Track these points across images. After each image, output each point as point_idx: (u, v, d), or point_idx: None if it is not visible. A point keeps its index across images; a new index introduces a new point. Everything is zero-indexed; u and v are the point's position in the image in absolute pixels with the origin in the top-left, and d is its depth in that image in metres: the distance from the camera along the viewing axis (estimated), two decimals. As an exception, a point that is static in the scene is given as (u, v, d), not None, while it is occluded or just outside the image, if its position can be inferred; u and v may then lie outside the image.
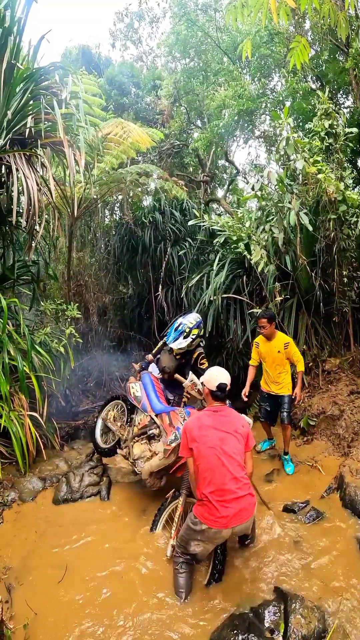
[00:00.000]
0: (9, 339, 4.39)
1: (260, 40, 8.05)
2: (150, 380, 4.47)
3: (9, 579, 3.09)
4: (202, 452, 2.83)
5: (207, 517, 2.73)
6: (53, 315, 5.81)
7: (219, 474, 2.77)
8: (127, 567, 3.20)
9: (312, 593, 2.77)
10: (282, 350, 4.58)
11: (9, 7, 3.93)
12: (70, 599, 2.90)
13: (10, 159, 3.98)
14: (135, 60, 13.45)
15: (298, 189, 5.04)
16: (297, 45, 2.88)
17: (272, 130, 10.21)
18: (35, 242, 4.74)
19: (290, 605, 2.60)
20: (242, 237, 5.95)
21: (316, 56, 7.72)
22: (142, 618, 2.71)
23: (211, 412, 3.04)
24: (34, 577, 3.10)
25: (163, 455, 3.63)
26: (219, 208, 11.86)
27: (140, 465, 3.84)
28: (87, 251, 9.35)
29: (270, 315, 4.59)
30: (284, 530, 3.49)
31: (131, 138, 6.92)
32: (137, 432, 4.10)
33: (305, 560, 3.14)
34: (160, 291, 8.42)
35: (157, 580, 3.05)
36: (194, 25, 9.32)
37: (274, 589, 2.84)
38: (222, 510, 2.70)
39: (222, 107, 8.81)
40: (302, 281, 5.61)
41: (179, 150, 12.03)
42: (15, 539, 3.54)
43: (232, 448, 2.88)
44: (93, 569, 3.18)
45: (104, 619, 2.71)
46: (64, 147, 4.07)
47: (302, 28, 8.04)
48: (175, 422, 3.76)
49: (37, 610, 2.76)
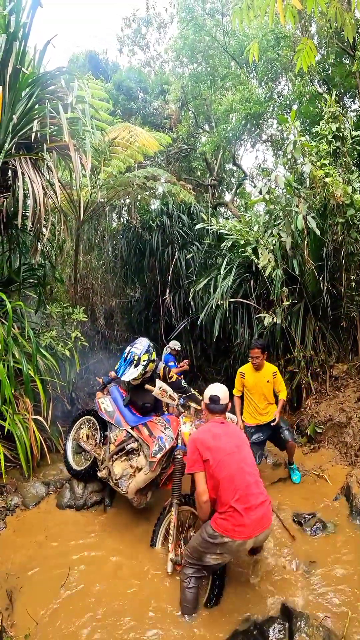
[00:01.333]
0: (14, 342, 4.38)
1: (267, 44, 8.03)
2: (119, 393, 4.32)
3: (10, 585, 3.05)
4: (222, 460, 2.73)
5: (232, 530, 2.60)
6: (59, 318, 5.81)
7: (242, 479, 2.70)
8: (129, 579, 3.15)
9: (318, 610, 2.70)
10: (271, 379, 4.45)
11: (13, 12, 3.94)
12: (72, 609, 2.86)
13: (16, 162, 3.99)
14: (142, 66, 13.52)
15: (305, 193, 4.99)
16: (304, 47, 2.84)
17: (279, 134, 10.18)
18: (41, 245, 4.75)
19: (295, 623, 2.53)
20: (249, 241, 5.91)
21: (322, 60, 7.67)
22: (145, 633, 2.65)
23: (218, 423, 3.01)
24: (36, 585, 3.07)
25: (149, 469, 3.47)
26: (226, 212, 11.86)
27: (124, 484, 3.63)
28: (94, 254, 9.38)
29: (264, 345, 4.49)
30: (289, 542, 3.43)
31: (138, 142, 6.93)
32: (115, 450, 3.86)
33: (310, 574, 3.07)
34: (168, 295, 8.40)
35: (160, 595, 2.99)
36: (201, 30, 9.33)
37: (280, 605, 2.77)
38: (247, 517, 2.60)
39: (230, 111, 8.80)
40: (309, 285, 5.55)
41: (187, 154, 12.05)
42: (18, 545, 3.51)
43: (248, 456, 2.88)
44: (95, 579, 3.14)
45: (106, 632, 2.67)
46: (70, 151, 4.08)
47: (309, 32, 7.99)
48: (156, 432, 3.62)
49: (39, 619, 2.73)
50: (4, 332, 4.15)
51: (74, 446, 4.56)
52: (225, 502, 2.65)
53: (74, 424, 4.68)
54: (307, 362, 5.47)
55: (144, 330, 9.36)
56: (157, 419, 3.79)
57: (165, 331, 8.51)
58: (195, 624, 2.72)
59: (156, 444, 3.50)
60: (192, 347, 8.32)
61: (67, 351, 5.32)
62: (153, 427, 3.68)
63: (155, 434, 3.60)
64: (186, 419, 3.78)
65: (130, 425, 3.88)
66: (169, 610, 2.84)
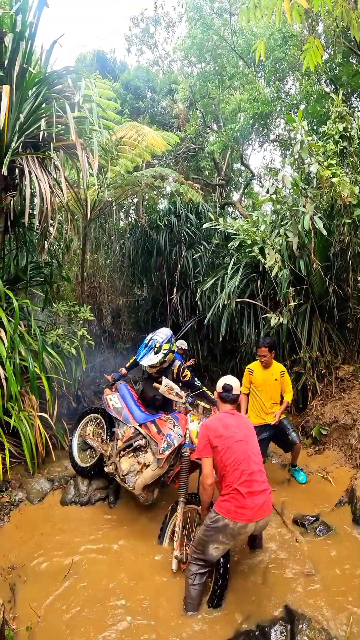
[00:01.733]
0: (21, 340, 4.41)
1: (275, 43, 7.99)
2: (127, 390, 4.35)
3: (13, 578, 3.09)
4: (231, 445, 2.85)
5: (233, 511, 2.68)
6: (65, 316, 5.83)
7: (248, 465, 2.80)
8: (134, 574, 3.17)
9: (320, 614, 2.68)
10: (279, 378, 4.45)
11: (20, 12, 3.96)
12: (74, 602, 2.88)
13: (23, 161, 4.01)
14: (151, 65, 13.51)
15: (312, 193, 4.97)
16: (310, 46, 2.83)
17: (287, 134, 10.14)
18: (48, 244, 4.78)
19: (297, 626, 2.53)
20: (256, 241, 5.89)
21: (329, 59, 7.61)
22: (147, 629, 2.66)
23: (229, 414, 3.10)
24: (38, 579, 3.10)
25: (157, 465, 3.50)
26: (234, 212, 11.83)
27: (131, 480, 3.65)
28: (101, 253, 9.41)
29: (271, 344, 4.49)
30: (293, 545, 3.42)
31: (146, 141, 6.94)
32: (122, 446, 3.89)
33: (314, 577, 3.06)
34: (175, 294, 8.39)
35: (164, 591, 3.00)
36: (209, 29, 9.31)
37: (283, 607, 2.77)
38: (249, 500, 2.69)
39: (238, 110, 8.77)
40: (316, 286, 5.53)
41: (195, 153, 12.03)
42: (21, 539, 3.55)
43: (255, 447, 2.98)
44: (98, 573, 3.16)
45: (107, 625, 2.68)
46: (77, 150, 4.08)
47: (316, 31, 7.94)
48: (164, 429, 3.64)
49: (41, 612, 2.75)
50: (10, 329, 4.18)
51: (79, 443, 4.58)
52: (230, 485, 2.74)
53: (80, 421, 4.69)
54: (313, 363, 5.45)
55: (150, 330, 9.35)
56: (165, 416, 3.79)
57: (172, 330, 8.52)
58: (198, 622, 2.72)
59: (164, 441, 3.51)
60: (198, 347, 8.32)
61: (74, 349, 5.34)
62: (162, 425, 3.70)
63: (163, 431, 3.61)
64: (194, 417, 3.78)
65: (139, 422, 3.90)
66: (173, 607, 2.85)
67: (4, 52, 4.00)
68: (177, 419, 3.73)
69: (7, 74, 4.00)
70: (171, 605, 2.86)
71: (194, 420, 3.72)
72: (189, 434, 3.59)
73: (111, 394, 4.36)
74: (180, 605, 2.84)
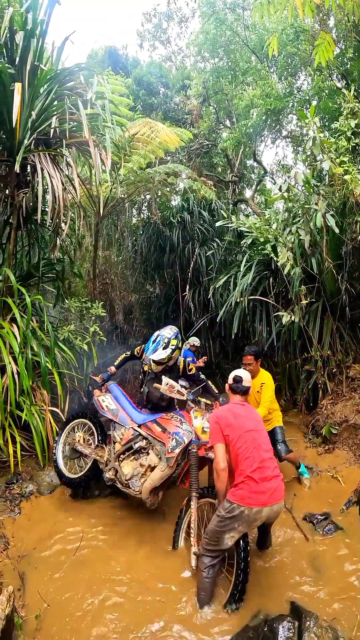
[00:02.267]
0: (33, 335, 4.47)
1: (287, 38, 7.89)
2: (120, 390, 4.24)
3: (23, 567, 3.15)
4: (242, 435, 2.91)
5: (248, 497, 2.74)
6: (77, 313, 5.88)
7: (259, 454, 2.86)
8: (143, 565, 3.21)
9: (327, 612, 2.69)
10: (260, 390, 4.34)
11: (30, 10, 3.99)
12: (83, 591, 2.93)
13: (35, 158, 4.05)
14: (164, 60, 13.49)
15: (324, 190, 4.91)
16: (322, 42, 2.80)
17: (299, 130, 10.03)
18: (60, 241, 4.82)
19: (304, 622, 2.53)
20: (269, 239, 5.86)
21: (341, 54, 7.46)
22: (157, 622, 2.70)
23: (239, 405, 3.16)
24: (47, 568, 3.16)
25: (166, 465, 3.41)
26: (246, 209, 11.76)
27: (136, 484, 3.55)
28: (113, 250, 9.44)
29: (257, 352, 4.43)
30: (301, 543, 3.42)
31: (159, 138, 6.94)
32: (121, 449, 3.76)
33: (322, 575, 3.06)
34: (188, 291, 8.41)
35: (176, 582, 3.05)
36: (222, 25, 9.23)
37: (290, 604, 2.78)
38: (262, 485, 2.76)
39: (251, 106, 8.70)
40: (327, 284, 5.48)
41: (208, 150, 11.98)
42: (31, 530, 3.62)
43: (264, 436, 3.04)
44: (108, 563, 3.22)
45: (117, 616, 2.73)
46: (90, 146, 4.10)
47: (327, 25, 7.80)
48: (170, 428, 3.56)
49: (50, 601, 2.80)
50: (23, 325, 4.24)
51: (66, 451, 4.31)
52: (242, 473, 2.80)
53: (65, 427, 4.43)
54: (324, 362, 5.41)
55: (163, 327, 9.38)
56: (169, 414, 3.74)
57: (184, 328, 8.54)
58: (208, 615, 2.76)
59: (172, 439, 3.44)
60: (210, 344, 8.33)
61: (85, 345, 5.39)
62: (166, 423, 3.63)
63: (169, 430, 3.55)
64: (197, 413, 3.75)
65: (138, 423, 3.82)
66: (183, 599, 2.89)
67: (15, 49, 4.03)
68: (182, 416, 3.69)
69: (18, 72, 4.04)
70: (183, 596, 2.91)
71: (198, 417, 3.69)
72: (194, 430, 3.57)
73: (102, 395, 4.21)
74: (190, 596, 2.87)
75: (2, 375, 4.07)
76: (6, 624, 2.10)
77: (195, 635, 2.61)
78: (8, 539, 3.43)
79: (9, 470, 4.04)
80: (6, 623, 2.10)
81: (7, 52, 4.07)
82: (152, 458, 3.58)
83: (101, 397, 4.15)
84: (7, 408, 4.06)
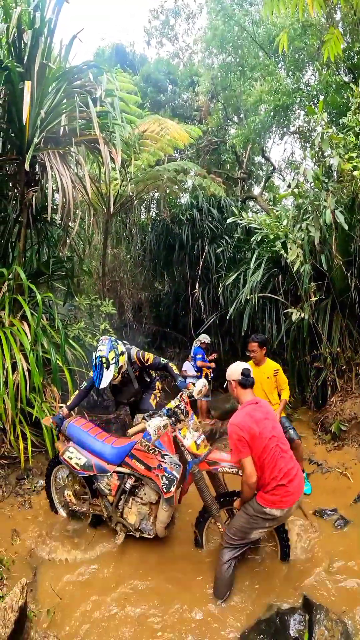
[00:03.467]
0: (43, 333, 4.51)
1: (295, 33, 7.84)
2: (79, 429, 3.61)
3: (34, 561, 3.19)
4: (266, 445, 2.84)
5: (280, 502, 2.76)
6: (87, 310, 5.92)
7: (282, 459, 2.86)
8: (155, 557, 3.25)
9: (337, 605, 2.69)
10: (271, 377, 4.37)
11: (38, 9, 4.00)
12: (95, 585, 2.97)
13: (44, 156, 4.07)
14: (171, 57, 13.47)
15: (333, 187, 4.88)
16: (331, 37, 2.78)
17: (307, 126, 9.97)
18: (70, 239, 4.84)
19: (315, 615, 2.55)
20: (279, 236, 5.84)
21: (348, 48, 7.41)
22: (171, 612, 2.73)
23: (254, 405, 3.03)
24: (57, 563, 3.21)
25: (168, 506, 3.12)
26: (255, 206, 11.73)
27: (148, 527, 3.27)
28: (122, 248, 9.48)
29: (262, 340, 4.44)
30: (312, 536, 3.43)
31: (168, 135, 6.93)
32: (116, 500, 3.35)
33: (332, 568, 3.07)
34: (197, 289, 8.40)
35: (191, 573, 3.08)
36: (230, 20, 9.19)
37: (302, 597, 2.79)
38: (290, 487, 2.79)
39: (259, 102, 8.67)
40: (337, 281, 5.44)
41: (217, 147, 11.96)
42: (42, 524, 3.66)
43: (281, 434, 3.02)
44: (117, 555, 3.26)
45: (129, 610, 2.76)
46: (99, 144, 4.10)
47: (333, 19, 7.76)
48: (152, 463, 3.15)
49: (62, 595, 2.84)
50: (33, 322, 4.27)
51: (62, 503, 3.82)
52: (271, 481, 2.79)
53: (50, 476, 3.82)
54: (334, 359, 5.38)
55: (172, 324, 9.42)
56: (141, 443, 3.20)
57: (194, 325, 8.55)
58: (222, 608, 2.80)
59: (163, 478, 3.08)
60: (220, 342, 8.32)
61: (95, 342, 5.42)
62: (145, 458, 3.18)
63: (152, 465, 3.15)
64: (184, 430, 3.24)
65: (116, 463, 3.36)
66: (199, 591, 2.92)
67: (24, 48, 4.05)
68: (159, 444, 3.17)
69: (27, 71, 4.05)
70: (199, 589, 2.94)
71: (186, 434, 3.22)
72: (188, 450, 3.17)
73: (66, 449, 3.52)
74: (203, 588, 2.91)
75: (13, 372, 4.10)
76: (19, 615, 2.13)
77: (210, 626, 2.65)
78: (19, 533, 3.48)
79: (20, 466, 4.10)
80: (19, 615, 2.13)
81: (16, 51, 4.10)
82: (150, 493, 3.28)
83: (67, 455, 3.49)
84: (18, 405, 4.11)
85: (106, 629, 2.63)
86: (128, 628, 2.64)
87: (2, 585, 2.77)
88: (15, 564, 3.10)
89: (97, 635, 2.58)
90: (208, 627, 2.65)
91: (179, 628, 2.64)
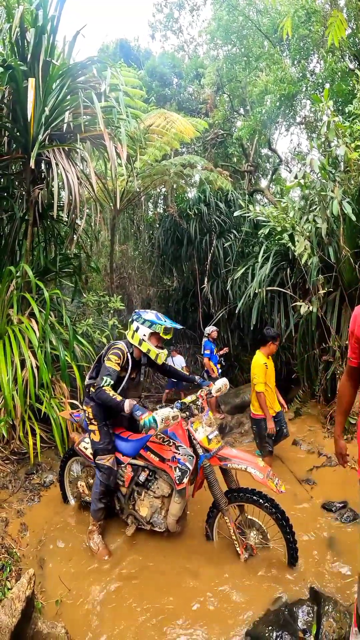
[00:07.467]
0: (52, 329, 4.55)
1: (299, 20, 7.74)
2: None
3: (42, 554, 3.23)
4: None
5: None
6: (95, 307, 5.95)
7: None
8: (165, 550, 3.24)
9: (346, 597, 2.69)
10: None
11: (41, 7, 4.01)
12: (103, 576, 2.99)
13: (49, 154, 4.08)
14: (176, 50, 13.40)
15: (340, 177, 4.81)
16: (334, 20, 2.74)
17: (313, 115, 9.85)
18: (77, 236, 4.86)
19: (323, 607, 2.54)
20: (286, 228, 5.78)
21: (352, 34, 7.29)
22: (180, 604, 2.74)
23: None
24: (65, 555, 3.24)
25: (180, 497, 3.10)
26: (262, 199, 11.65)
27: (159, 521, 3.24)
28: (130, 244, 9.50)
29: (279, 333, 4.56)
30: (320, 528, 3.43)
31: (175, 129, 6.90)
32: (129, 492, 3.35)
33: (340, 561, 3.06)
34: (206, 283, 8.39)
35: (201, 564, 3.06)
36: (234, 10, 9.09)
37: (310, 589, 2.79)
38: None
39: (265, 92, 8.58)
40: (345, 273, 5.38)
41: (223, 140, 11.88)
42: (50, 517, 3.71)
43: None
44: (125, 549, 3.28)
45: (138, 600, 2.78)
46: (105, 140, 4.10)
47: (337, 5, 7.63)
48: (166, 454, 3.15)
49: (70, 586, 2.87)
50: (42, 319, 4.31)
51: (75, 494, 3.89)
52: None
53: (64, 468, 3.90)
54: (342, 352, 5.34)
55: (181, 319, 9.42)
56: (159, 436, 3.24)
57: (203, 320, 8.54)
58: (232, 599, 2.78)
59: (176, 469, 3.07)
60: (229, 336, 8.31)
61: (104, 338, 5.45)
62: (160, 450, 3.20)
63: (167, 457, 3.15)
64: (196, 424, 3.21)
65: (130, 456, 3.37)
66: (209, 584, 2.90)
67: (27, 46, 4.06)
68: (174, 435, 3.19)
69: (30, 68, 4.07)
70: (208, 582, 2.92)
71: (198, 428, 3.18)
72: (200, 443, 3.14)
73: (82, 439, 3.61)
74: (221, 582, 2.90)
75: (22, 369, 4.15)
76: (26, 605, 2.15)
77: (222, 614, 2.66)
78: (28, 526, 3.53)
79: (29, 461, 4.15)
80: (26, 605, 2.16)
81: (19, 49, 4.11)
82: (162, 485, 3.25)
83: (82, 445, 3.58)
84: (27, 401, 4.16)
85: (115, 619, 2.66)
86: (138, 618, 2.66)
87: (11, 577, 2.82)
88: (25, 556, 3.16)
89: (106, 625, 2.61)
90: (218, 617, 2.66)
91: (190, 617, 2.65)
